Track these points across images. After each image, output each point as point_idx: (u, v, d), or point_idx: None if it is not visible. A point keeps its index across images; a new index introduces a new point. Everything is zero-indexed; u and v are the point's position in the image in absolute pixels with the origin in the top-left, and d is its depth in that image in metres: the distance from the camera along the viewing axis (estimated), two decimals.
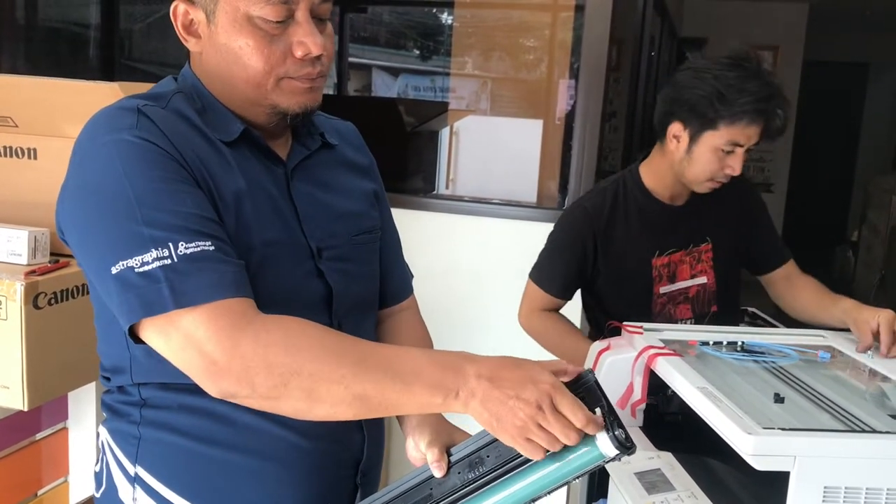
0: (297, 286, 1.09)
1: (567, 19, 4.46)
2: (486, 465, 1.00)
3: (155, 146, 0.99)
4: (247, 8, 1.02)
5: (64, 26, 4.16)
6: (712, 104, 1.68)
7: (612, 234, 1.81)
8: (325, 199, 1.16)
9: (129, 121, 1.01)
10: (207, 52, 1.07)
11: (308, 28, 1.04)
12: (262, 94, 1.06)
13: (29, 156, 1.83)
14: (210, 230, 0.97)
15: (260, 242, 1.05)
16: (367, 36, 6.26)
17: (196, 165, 1.02)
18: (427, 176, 4.00)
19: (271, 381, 0.92)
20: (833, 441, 1.23)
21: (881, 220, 5.00)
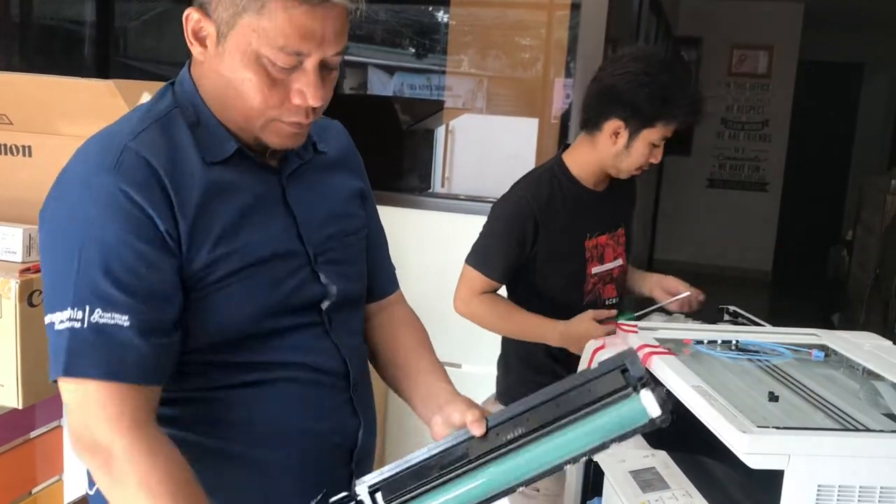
0: (292, 293, 1.11)
1: (563, 18, 4.46)
2: (524, 428, 1.01)
3: (124, 196, 0.98)
4: (259, 46, 1.00)
5: (59, 24, 4.15)
6: (654, 107, 1.83)
7: (551, 219, 1.91)
8: (319, 203, 1.18)
9: (110, 161, 1.00)
10: (210, 66, 1.06)
11: (312, 79, 1.03)
12: (250, 126, 1.06)
13: (24, 153, 1.82)
14: (135, 302, 0.96)
15: (259, 257, 1.07)
16: (363, 34, 6.26)
17: (179, 204, 1.01)
18: (423, 174, 4.00)
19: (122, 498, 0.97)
20: (827, 440, 1.23)
21: (876, 220, 5.01)
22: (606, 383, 1.00)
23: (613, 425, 0.98)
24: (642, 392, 0.96)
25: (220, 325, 1.05)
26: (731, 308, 2.05)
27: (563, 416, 1.00)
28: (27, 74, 1.85)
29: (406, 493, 1.02)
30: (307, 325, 1.14)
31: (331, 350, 1.16)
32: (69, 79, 1.77)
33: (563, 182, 1.96)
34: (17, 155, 1.82)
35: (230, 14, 1.00)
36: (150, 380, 0.99)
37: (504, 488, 1.02)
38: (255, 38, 0.99)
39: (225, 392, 1.08)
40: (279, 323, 1.10)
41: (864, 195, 5.46)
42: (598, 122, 1.90)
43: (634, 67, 1.85)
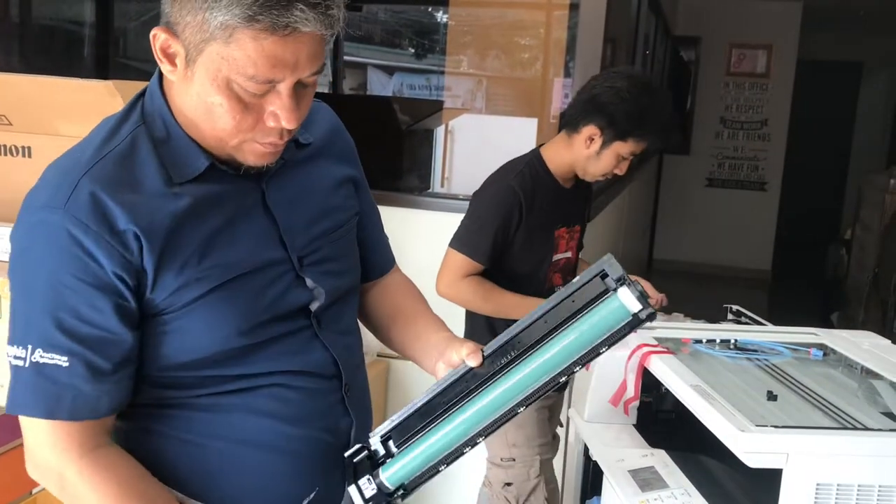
0: (275, 302, 1.08)
1: (562, 18, 4.46)
2: (517, 349, 1.04)
3: (70, 238, 0.96)
4: (229, 73, 0.95)
5: (58, 24, 4.16)
6: (630, 123, 1.98)
7: (532, 208, 2.04)
8: (302, 204, 1.14)
9: (62, 197, 0.97)
10: (179, 86, 1.02)
11: (288, 102, 0.98)
12: (223, 147, 1.03)
13: (23, 154, 1.82)
14: (76, 344, 0.97)
15: (236, 273, 1.04)
16: (363, 34, 6.26)
17: (135, 238, 0.98)
18: (422, 174, 4.00)
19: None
20: (825, 438, 1.23)
21: (874, 219, 5.01)
22: (588, 291, 1.02)
23: (599, 328, 0.99)
24: (619, 290, 0.98)
25: (194, 346, 1.04)
26: (735, 307, 2.07)
27: (552, 330, 1.02)
28: (27, 75, 1.85)
29: (415, 433, 1.05)
30: (294, 332, 1.11)
31: (320, 351, 1.14)
32: (69, 79, 1.78)
33: (542, 175, 2.10)
34: (16, 156, 1.82)
35: (198, 40, 0.96)
36: (93, 416, 1.00)
37: (505, 408, 1.03)
38: (225, 66, 0.95)
39: (207, 399, 1.07)
40: (263, 335, 1.07)
41: (863, 194, 5.46)
42: (577, 125, 2.05)
43: (621, 84, 2.01)
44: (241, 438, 1.09)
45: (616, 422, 1.66)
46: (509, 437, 2.11)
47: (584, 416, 1.68)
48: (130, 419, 1.09)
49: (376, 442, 1.07)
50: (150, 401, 1.08)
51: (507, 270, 2.07)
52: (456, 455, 1.05)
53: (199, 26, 0.95)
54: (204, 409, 1.08)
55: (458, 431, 1.04)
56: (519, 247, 2.06)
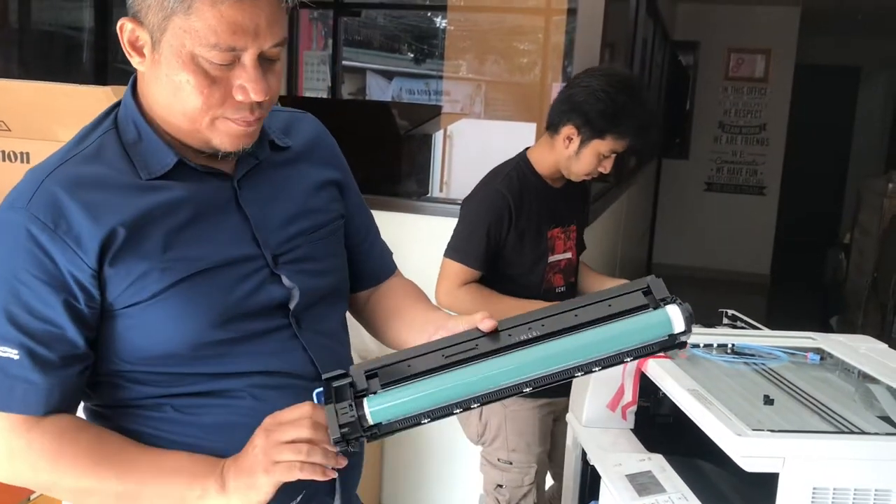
0: (245, 299, 1.08)
1: (560, 23, 4.48)
2: (539, 331, 0.99)
3: (28, 236, 0.99)
4: (192, 47, 0.98)
5: (57, 30, 4.16)
6: (605, 121, 1.99)
7: (521, 210, 2.07)
8: (279, 203, 1.15)
9: (25, 198, 1.01)
10: (149, 74, 1.05)
11: (253, 73, 1.01)
12: (196, 129, 1.04)
13: (22, 159, 1.83)
14: (30, 338, 1.00)
15: (203, 267, 1.05)
16: (361, 39, 6.27)
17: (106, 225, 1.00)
18: (421, 179, 4.00)
19: (38, 485, 1.06)
20: (822, 443, 1.24)
21: (873, 223, 5.02)
22: (628, 301, 0.99)
23: (634, 336, 0.96)
24: (669, 306, 0.95)
25: (165, 337, 1.05)
26: (731, 312, 2.07)
27: (581, 325, 0.98)
28: (25, 81, 1.86)
29: (406, 379, 0.99)
30: (273, 330, 1.12)
31: (299, 352, 1.14)
32: (67, 85, 1.78)
33: (529, 177, 2.12)
34: (15, 161, 1.83)
35: (160, 18, 0.99)
36: (45, 409, 1.02)
37: (513, 382, 0.98)
38: (188, 39, 0.98)
39: (183, 400, 1.08)
40: (238, 330, 1.08)
41: (862, 198, 5.47)
42: (557, 125, 2.07)
43: (597, 83, 2.02)
44: (220, 440, 1.07)
45: (614, 426, 1.66)
46: (510, 441, 2.12)
47: (581, 420, 1.68)
48: (108, 419, 1.10)
49: (359, 375, 1.00)
50: (127, 400, 1.08)
51: (502, 274, 2.08)
52: (444, 413, 0.98)
53: (159, 3, 0.98)
54: (181, 411, 1.08)
55: (456, 390, 0.97)
56: (511, 249, 2.07)
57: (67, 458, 1.01)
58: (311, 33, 5.96)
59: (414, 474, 2.94)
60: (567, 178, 2.13)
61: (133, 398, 1.08)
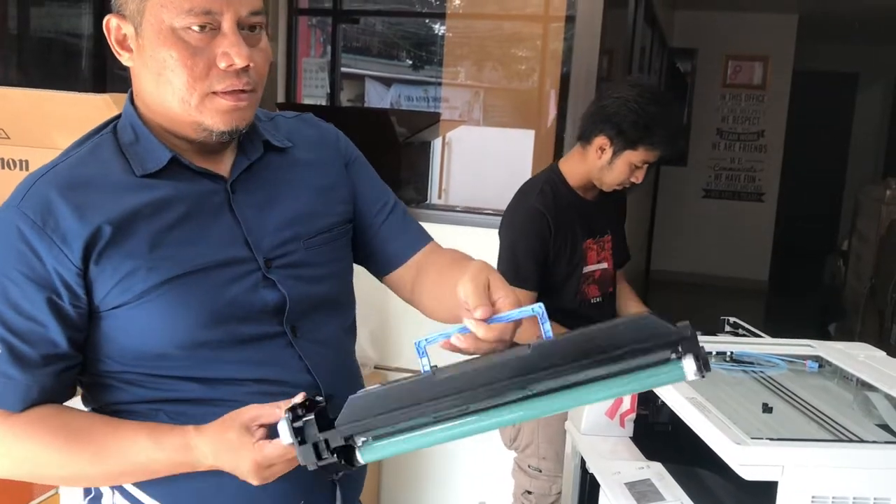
0: (237, 301, 1.08)
1: (558, 30, 4.48)
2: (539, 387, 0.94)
3: (16, 233, 1.01)
4: (171, 20, 1.00)
5: (56, 37, 4.17)
6: (637, 132, 2.02)
7: (560, 224, 2.10)
8: (275, 207, 1.14)
9: (19, 197, 1.04)
10: (138, 66, 1.07)
11: (233, 39, 1.02)
12: (187, 111, 1.04)
13: (21, 167, 1.83)
14: (11, 334, 1.01)
15: (190, 268, 1.05)
16: (360, 46, 6.28)
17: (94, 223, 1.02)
18: (419, 186, 4.00)
19: (24, 475, 1.07)
20: (821, 451, 1.24)
21: (871, 229, 5.02)
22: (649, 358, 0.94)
23: (645, 385, 0.95)
24: (685, 361, 0.94)
25: (155, 335, 1.05)
26: (732, 319, 2.07)
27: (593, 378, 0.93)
28: (24, 89, 1.86)
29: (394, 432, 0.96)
30: (267, 337, 1.10)
31: (295, 361, 1.12)
32: (66, 93, 1.78)
33: (562, 189, 2.15)
34: (13, 169, 1.83)
35: (138, 2, 1.02)
36: (22, 405, 1.02)
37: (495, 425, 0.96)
38: (165, 13, 1.00)
39: (175, 407, 1.07)
40: (229, 333, 1.07)
41: (860, 205, 5.47)
42: (589, 136, 2.11)
43: (628, 94, 2.05)
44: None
45: (613, 434, 1.66)
46: (541, 448, 2.14)
47: (580, 428, 1.68)
48: None
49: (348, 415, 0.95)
50: (122, 402, 1.08)
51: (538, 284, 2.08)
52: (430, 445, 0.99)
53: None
54: (174, 417, 1.07)
55: (447, 436, 0.96)
56: (550, 262, 2.09)
57: (42, 449, 1.02)
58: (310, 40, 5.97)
59: (413, 478, 2.93)
60: (599, 188, 2.16)
61: (128, 401, 1.08)
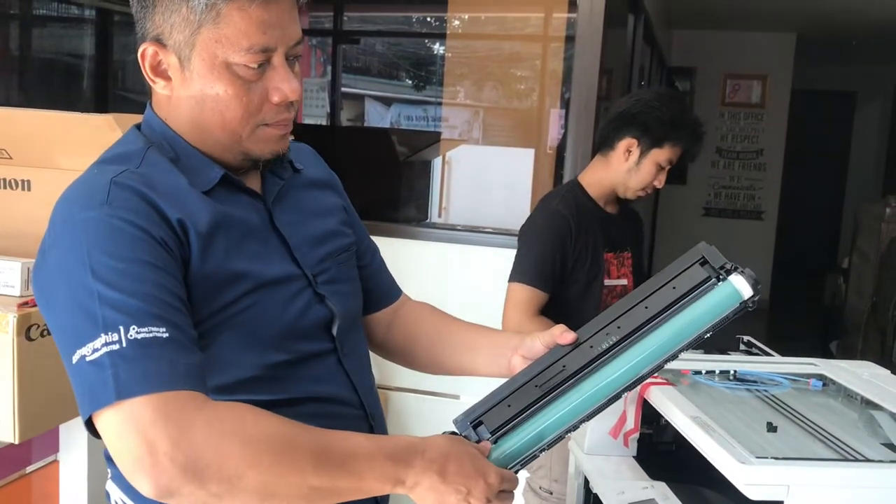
0: (298, 318, 1.08)
1: (558, 49, 4.51)
2: (618, 334, 1.03)
3: (125, 223, 0.94)
4: (225, 55, 0.99)
5: (58, 57, 4.19)
6: (663, 128, 2.06)
7: (581, 230, 2.10)
8: (307, 225, 1.16)
9: (101, 197, 0.96)
10: (179, 96, 1.04)
11: (285, 73, 1.03)
12: (237, 142, 1.05)
13: (23, 187, 1.83)
14: (169, 315, 0.92)
15: (257, 284, 1.04)
16: (360, 66, 6.30)
17: (181, 227, 0.98)
18: (420, 205, 4.01)
19: (224, 474, 0.85)
20: (826, 470, 1.23)
21: (871, 247, 5.02)
22: (689, 278, 1.03)
23: (708, 314, 1.00)
24: (732, 277, 1.00)
25: (231, 362, 1.02)
26: (746, 338, 2.07)
27: (655, 316, 1.02)
28: (26, 109, 1.86)
29: (510, 420, 1.03)
30: (319, 355, 1.11)
31: (344, 377, 1.13)
32: (68, 113, 1.79)
33: (583, 199, 2.16)
34: (16, 189, 1.83)
35: (188, 34, 1.00)
36: (197, 386, 0.90)
37: (610, 396, 1.03)
38: (220, 49, 0.99)
39: None
40: (290, 352, 1.06)
41: (860, 223, 5.47)
42: (613, 142, 2.12)
43: (648, 96, 2.12)
44: None
45: (616, 454, 1.65)
46: (553, 470, 2.12)
47: (584, 448, 1.67)
48: None
49: (467, 428, 1.04)
50: None
51: (556, 297, 2.08)
52: (557, 440, 1.04)
53: (184, 20, 0.99)
54: None
55: (562, 419, 1.02)
56: (569, 271, 2.09)
57: (264, 439, 0.88)
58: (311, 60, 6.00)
59: None
60: (623, 196, 2.17)
61: None
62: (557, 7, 4.48)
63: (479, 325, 1.29)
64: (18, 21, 3.87)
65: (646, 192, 2.15)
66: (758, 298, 1.01)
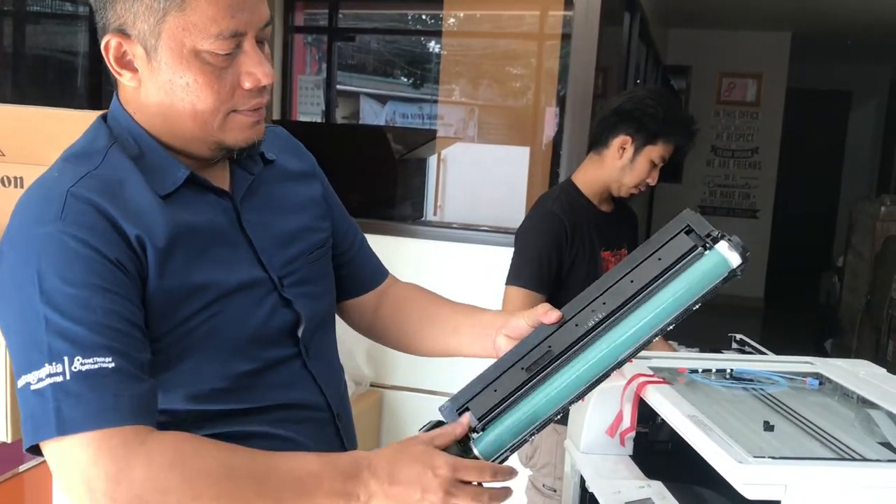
0: (263, 324, 1.06)
1: (553, 48, 4.51)
2: (604, 310, 1.00)
3: (79, 242, 0.91)
4: (194, 43, 0.95)
5: (52, 54, 4.17)
6: (657, 124, 2.07)
7: (576, 230, 2.10)
8: (277, 223, 1.12)
9: (55, 211, 0.93)
10: (146, 87, 1.01)
11: (256, 57, 0.99)
12: (209, 132, 1.01)
13: (15, 184, 1.82)
14: (117, 342, 0.89)
15: (219, 294, 1.01)
16: (355, 64, 6.29)
17: (139, 243, 0.96)
18: (415, 203, 4.01)
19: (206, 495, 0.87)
20: (824, 469, 1.22)
21: (866, 246, 5.03)
22: (675, 248, 1.00)
23: (696, 285, 0.98)
24: (718, 245, 0.97)
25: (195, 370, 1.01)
26: (739, 336, 2.07)
27: (641, 290, 0.99)
28: (19, 106, 1.85)
29: (497, 405, 1.00)
30: (284, 360, 1.09)
31: (310, 381, 1.12)
32: (61, 110, 1.78)
33: (578, 198, 2.16)
34: (9, 186, 1.82)
35: (153, 23, 0.96)
36: (143, 419, 0.90)
37: (600, 373, 1.00)
38: (188, 36, 0.95)
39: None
40: (255, 360, 1.05)
41: (855, 221, 5.49)
42: (606, 139, 2.13)
43: (641, 94, 2.14)
44: None
45: (612, 452, 1.64)
46: (557, 468, 2.12)
47: (580, 446, 1.66)
48: None
49: (451, 416, 1.01)
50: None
51: (556, 297, 2.05)
52: (545, 424, 1.01)
53: (148, 8, 0.95)
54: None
55: (550, 402, 0.99)
56: (566, 272, 2.09)
57: (199, 472, 0.87)
58: (306, 58, 5.98)
59: None
60: (617, 194, 2.17)
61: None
62: (553, 5, 4.48)
63: (465, 306, 1.26)
64: (12, 17, 3.85)
65: (639, 189, 2.16)
66: (746, 266, 0.98)
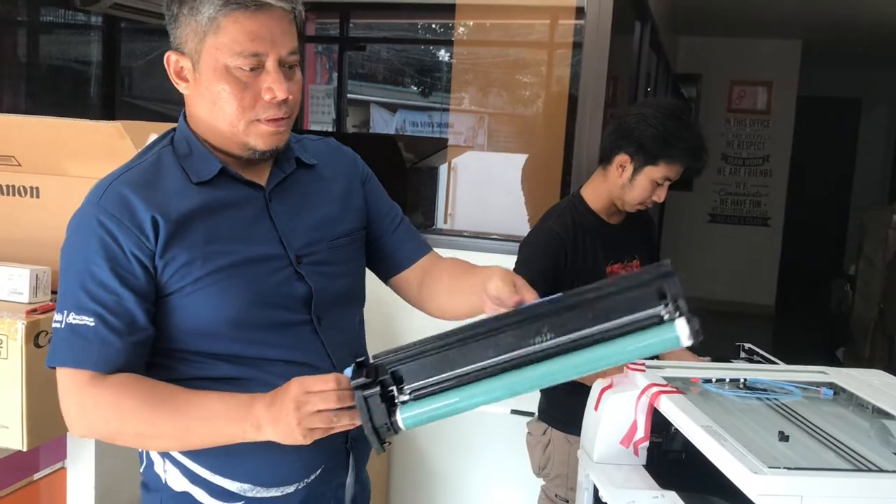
0: (275, 289, 1.27)
1: (564, 56, 4.51)
2: (550, 334, 1.06)
3: (98, 223, 1.19)
4: (224, 59, 1.20)
5: (65, 64, 4.20)
6: (657, 146, 2.04)
7: (577, 247, 2.10)
8: (304, 212, 1.34)
9: (97, 196, 1.22)
10: (193, 94, 1.26)
11: (275, 76, 1.21)
12: (236, 134, 1.24)
13: (31, 194, 1.83)
14: (102, 309, 1.18)
15: (237, 260, 1.24)
16: (366, 73, 6.32)
17: (153, 223, 1.20)
18: (426, 211, 4.01)
19: (109, 431, 1.21)
20: (840, 480, 1.22)
21: (878, 254, 5.00)
22: (640, 300, 1.03)
23: (644, 349, 1.02)
24: (678, 322, 0.99)
25: (202, 316, 1.22)
26: (747, 346, 2.06)
27: (596, 333, 1.04)
28: (35, 117, 1.86)
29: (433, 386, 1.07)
30: (296, 323, 1.29)
31: (318, 347, 1.30)
32: (77, 121, 1.79)
33: (583, 213, 2.15)
34: (24, 196, 1.83)
35: (196, 42, 1.22)
36: (111, 368, 1.18)
37: (528, 391, 1.07)
38: (220, 54, 1.20)
39: (211, 384, 1.22)
40: (270, 316, 1.26)
41: (866, 229, 5.46)
42: (610, 156, 2.12)
43: (646, 111, 2.09)
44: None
45: (626, 462, 1.64)
46: (570, 479, 2.11)
47: (593, 456, 1.66)
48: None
49: (384, 370, 1.08)
50: (171, 381, 1.23)
51: None
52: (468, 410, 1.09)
53: (194, 31, 1.22)
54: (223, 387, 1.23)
55: (480, 399, 1.07)
56: (568, 287, 2.05)
57: (128, 408, 1.17)
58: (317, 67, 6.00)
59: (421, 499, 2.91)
60: (622, 209, 2.16)
61: (175, 379, 1.23)
62: (564, 14, 4.49)
63: (471, 268, 1.39)
64: (26, 28, 3.89)
65: (644, 206, 2.13)
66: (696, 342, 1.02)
